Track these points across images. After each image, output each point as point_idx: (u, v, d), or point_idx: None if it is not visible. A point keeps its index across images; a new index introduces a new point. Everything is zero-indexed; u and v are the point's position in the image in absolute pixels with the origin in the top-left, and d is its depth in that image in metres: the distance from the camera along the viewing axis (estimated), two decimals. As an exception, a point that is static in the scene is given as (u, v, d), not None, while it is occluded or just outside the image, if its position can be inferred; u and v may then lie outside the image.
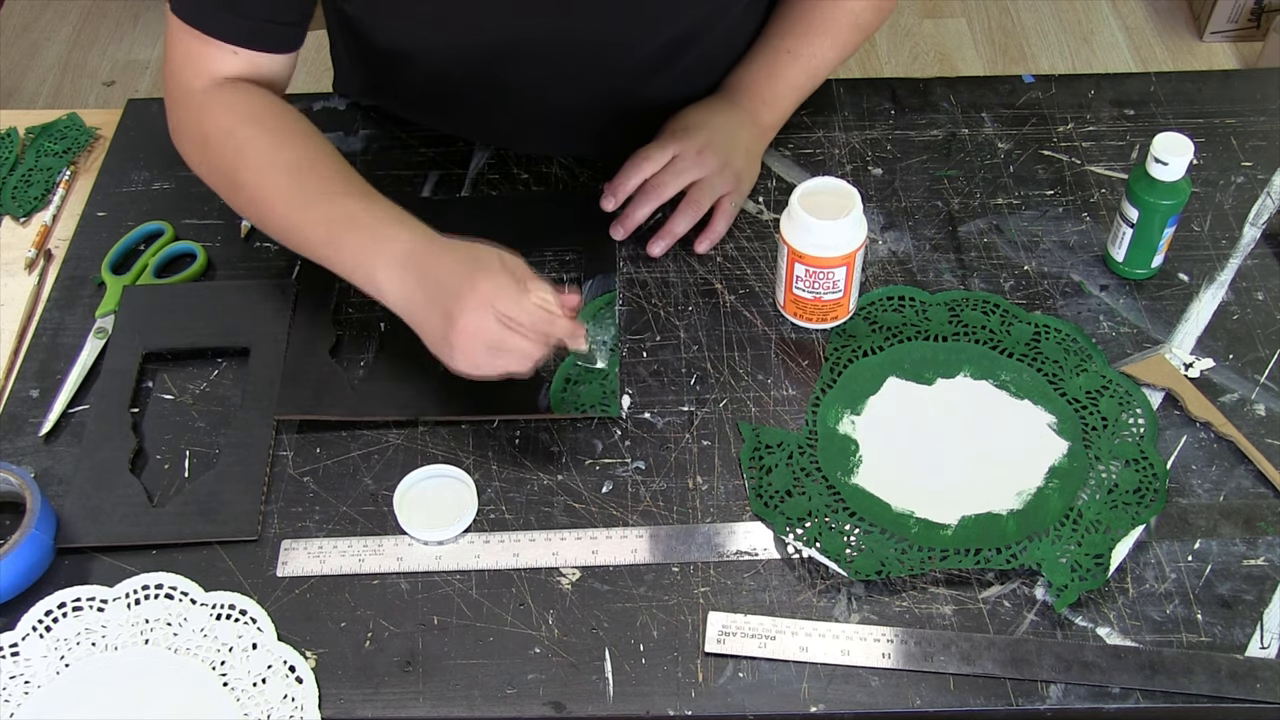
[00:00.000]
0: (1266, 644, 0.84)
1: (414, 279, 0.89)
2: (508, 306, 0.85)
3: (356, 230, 0.92)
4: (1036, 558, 0.87)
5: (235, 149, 0.96)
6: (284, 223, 0.95)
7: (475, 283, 0.86)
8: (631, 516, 0.92)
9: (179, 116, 1.00)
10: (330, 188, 0.95)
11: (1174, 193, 1.00)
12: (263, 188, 0.95)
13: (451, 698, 0.83)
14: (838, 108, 1.21)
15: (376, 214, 0.92)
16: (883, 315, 1.03)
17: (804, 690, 0.83)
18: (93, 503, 0.92)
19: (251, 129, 0.96)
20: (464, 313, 0.85)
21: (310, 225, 0.93)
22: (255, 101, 0.98)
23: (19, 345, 1.04)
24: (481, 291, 0.85)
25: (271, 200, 0.95)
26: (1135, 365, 0.99)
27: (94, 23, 2.75)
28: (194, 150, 1.00)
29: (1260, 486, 0.92)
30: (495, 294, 0.85)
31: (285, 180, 0.95)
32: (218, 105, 0.97)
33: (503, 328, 0.86)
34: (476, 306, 0.85)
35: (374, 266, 0.90)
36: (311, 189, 0.95)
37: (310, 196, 0.94)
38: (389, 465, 0.95)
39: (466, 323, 0.85)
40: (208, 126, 0.98)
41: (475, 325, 0.85)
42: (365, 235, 0.91)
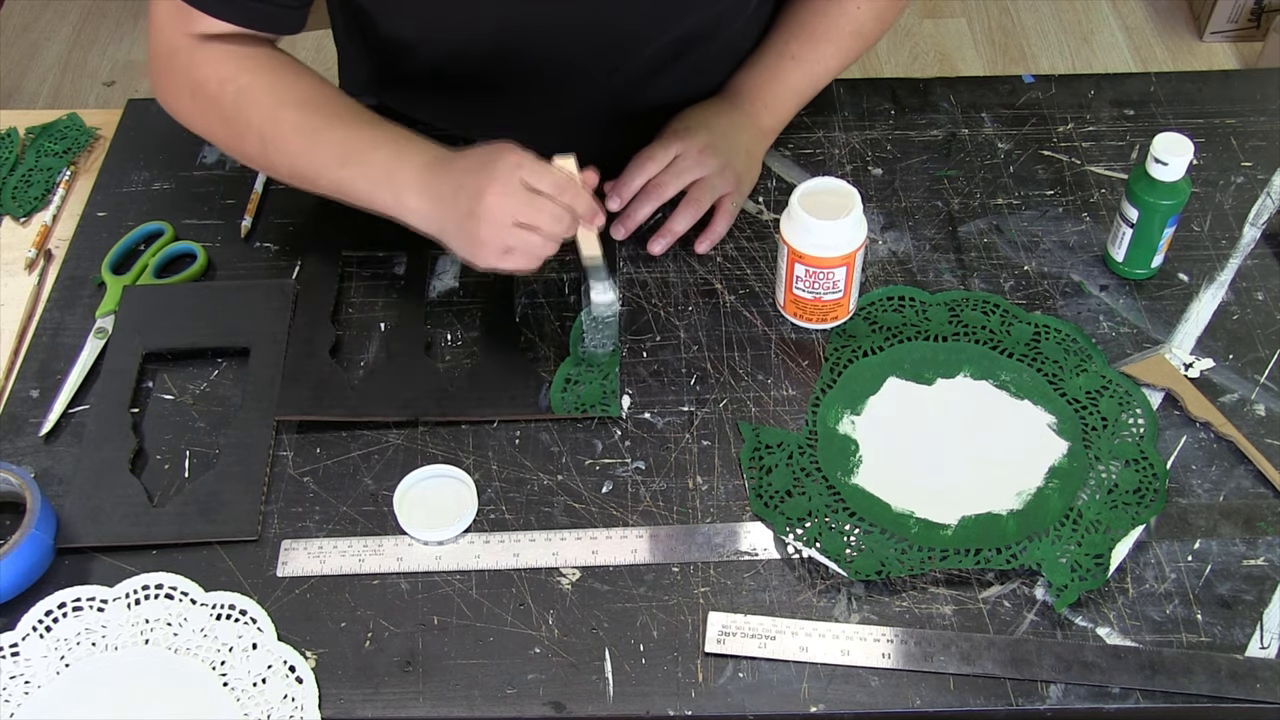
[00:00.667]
0: (1266, 644, 0.84)
1: (438, 178, 0.92)
2: (532, 174, 0.88)
3: (375, 149, 0.94)
4: (1036, 558, 0.87)
5: (238, 90, 0.97)
6: (295, 154, 0.96)
7: (501, 156, 0.89)
8: (631, 516, 0.92)
9: (164, 71, 1.00)
10: (342, 115, 0.97)
11: (1174, 193, 1.00)
12: (274, 122, 0.96)
13: (451, 698, 0.83)
14: (838, 108, 1.21)
15: (393, 134, 0.95)
16: (883, 315, 1.03)
17: (804, 690, 0.83)
18: (93, 503, 0.92)
19: (251, 73, 0.97)
20: (492, 184, 0.88)
21: (326, 150, 0.95)
22: (253, 49, 0.99)
23: (19, 345, 1.04)
24: (508, 161, 0.89)
25: (283, 133, 0.96)
26: (1135, 365, 0.99)
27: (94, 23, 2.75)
28: (185, 100, 1.00)
29: (1260, 486, 0.92)
30: (519, 164, 0.89)
31: (294, 113, 0.96)
32: (211, 56, 0.98)
33: (530, 196, 0.88)
34: (504, 176, 0.88)
35: (396, 174, 0.93)
36: (325, 118, 0.96)
37: (323, 124, 0.96)
38: (389, 465, 0.95)
39: (493, 195, 0.88)
40: (201, 75, 0.98)
41: (502, 194, 0.88)
42: (386, 151, 0.94)
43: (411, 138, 0.96)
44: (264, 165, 1.00)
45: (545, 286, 1.07)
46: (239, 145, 1.00)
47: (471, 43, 1.04)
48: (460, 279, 1.07)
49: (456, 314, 1.05)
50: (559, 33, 1.03)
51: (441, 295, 1.06)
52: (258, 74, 0.97)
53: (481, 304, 1.05)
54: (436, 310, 1.05)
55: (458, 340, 1.03)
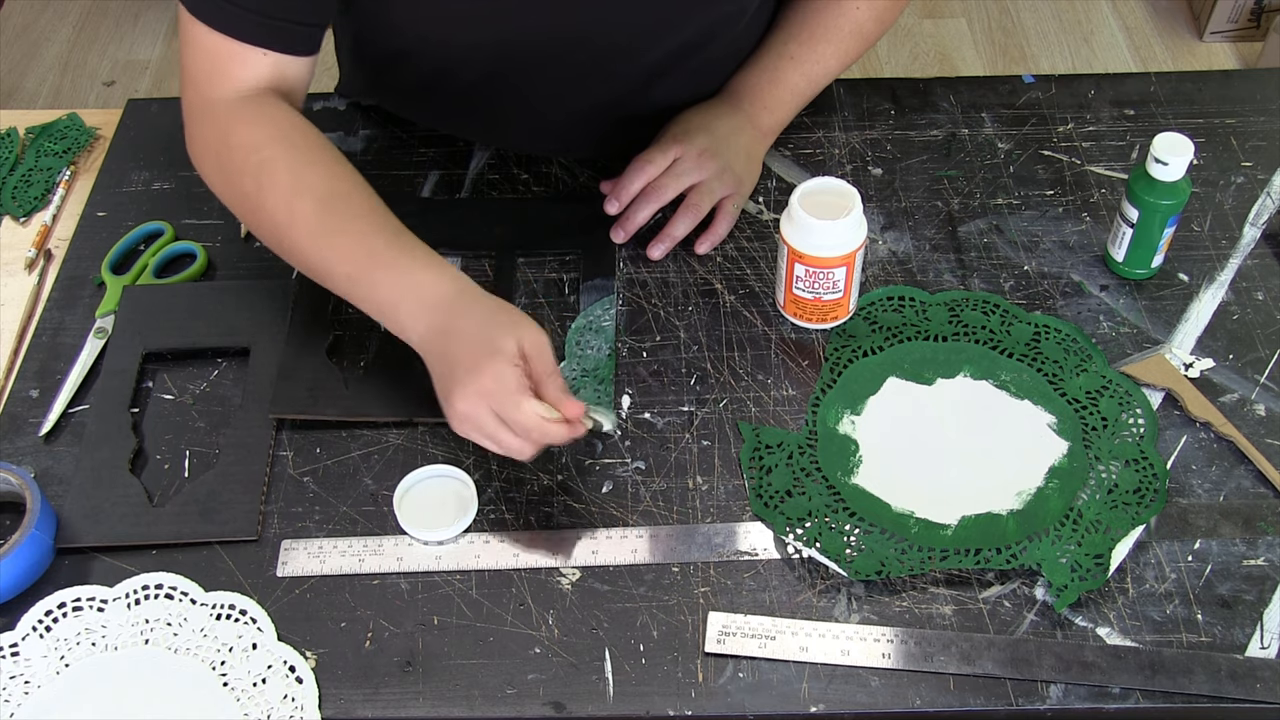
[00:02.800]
0: (1266, 644, 0.84)
1: (438, 330, 0.88)
2: (502, 408, 0.84)
3: (385, 270, 0.89)
4: (1036, 558, 0.87)
5: (258, 166, 0.93)
6: (306, 252, 0.92)
7: (480, 372, 0.84)
8: (631, 516, 0.92)
9: (199, 130, 0.96)
10: (359, 222, 0.92)
11: (1174, 193, 1.00)
12: (289, 213, 0.92)
13: (451, 698, 0.83)
14: (838, 108, 1.21)
15: (406, 255, 0.90)
16: (883, 315, 1.03)
17: (804, 690, 0.83)
18: (93, 503, 0.92)
19: (278, 148, 0.93)
20: (461, 399, 0.85)
21: (336, 260, 0.91)
22: (283, 119, 0.95)
23: (19, 345, 1.04)
24: (483, 385, 0.84)
25: (296, 228, 0.92)
26: (1135, 365, 0.99)
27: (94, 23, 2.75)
28: (213, 166, 0.96)
29: (1260, 486, 0.92)
30: (494, 392, 0.84)
31: (312, 209, 0.92)
32: (244, 119, 0.94)
33: (497, 423, 0.85)
34: (475, 397, 0.84)
35: (399, 305, 0.89)
36: (339, 222, 0.92)
37: (337, 229, 0.91)
38: (389, 465, 0.95)
39: (462, 409, 0.85)
40: (232, 140, 0.94)
41: (468, 413, 0.85)
42: (394, 275, 0.89)
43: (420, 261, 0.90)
44: (279, 250, 0.95)
45: (545, 286, 1.07)
46: (256, 223, 0.95)
47: (473, 49, 1.04)
48: (460, 279, 1.07)
49: (456, 314, 1.05)
50: (560, 39, 1.02)
51: (441, 295, 1.06)
52: (282, 147, 0.93)
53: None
54: (436, 310, 1.05)
55: (458, 340, 1.03)
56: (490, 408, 0.84)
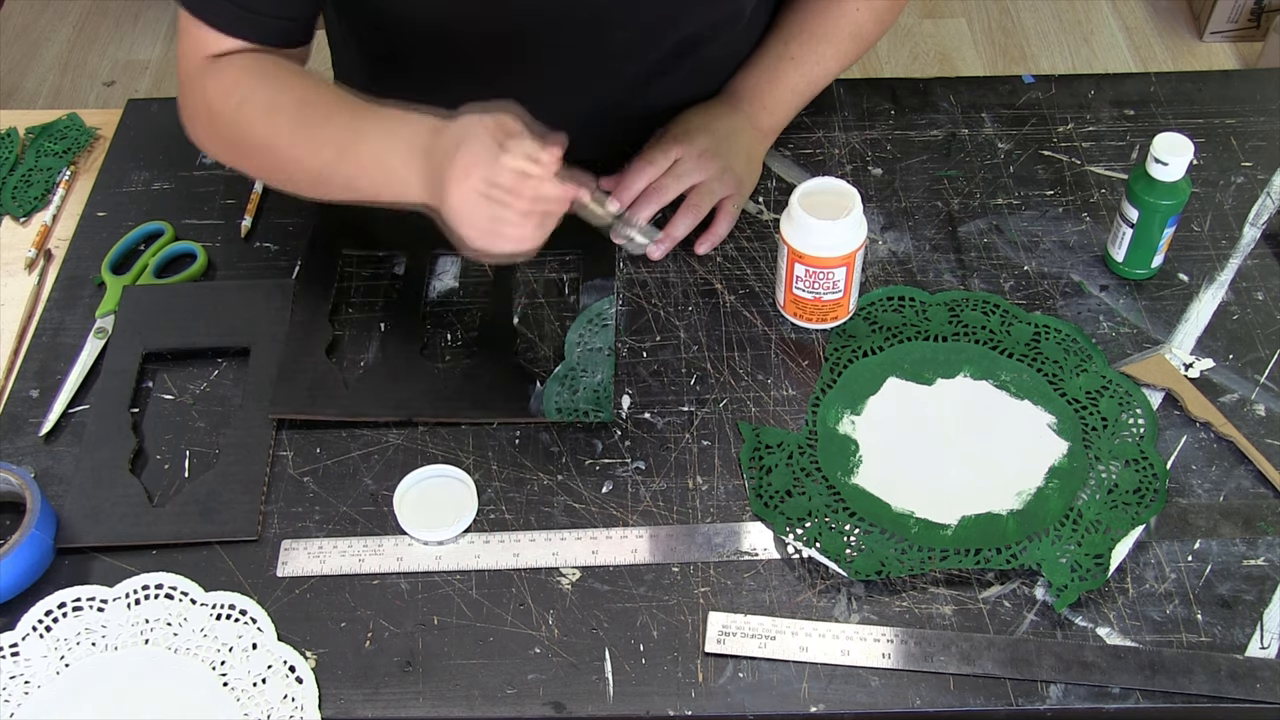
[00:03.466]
0: (1266, 644, 0.84)
1: (424, 165, 0.85)
2: (485, 174, 0.81)
3: (364, 137, 0.89)
4: (1036, 558, 0.87)
5: (236, 106, 0.94)
6: (297, 160, 0.92)
7: (456, 158, 0.82)
8: (631, 516, 0.92)
9: (185, 103, 0.99)
10: (331, 110, 0.92)
11: (1174, 193, 1.00)
12: (272, 131, 0.93)
13: (451, 698, 0.83)
14: (838, 108, 1.21)
15: (381, 117, 0.90)
16: (883, 315, 1.03)
17: (804, 690, 0.83)
18: (93, 503, 0.92)
19: (247, 84, 0.94)
20: (450, 194, 0.82)
21: (323, 149, 0.91)
22: (249, 62, 0.96)
23: (19, 345, 1.04)
24: (460, 165, 0.82)
25: (281, 142, 0.92)
26: (1135, 365, 0.99)
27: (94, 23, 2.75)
28: (203, 129, 0.98)
29: (1260, 486, 0.92)
30: (471, 165, 0.81)
31: (288, 118, 0.92)
32: (216, 75, 0.96)
33: (490, 201, 0.82)
34: (458, 183, 0.82)
35: (390, 165, 0.87)
36: (314, 116, 0.92)
37: (315, 123, 0.92)
38: (389, 465, 0.95)
39: (453, 201, 0.82)
40: (210, 97, 0.96)
41: (461, 203, 0.82)
42: (374, 138, 0.88)
43: (396, 116, 0.89)
44: (287, 181, 0.95)
45: (545, 286, 1.07)
46: (254, 165, 0.97)
47: (470, 46, 1.04)
48: (460, 279, 1.07)
49: (456, 314, 1.05)
50: (560, 36, 1.03)
51: (441, 295, 1.06)
52: (250, 84, 0.94)
53: (481, 305, 1.05)
54: (436, 310, 1.05)
55: (456, 341, 1.03)
56: (476, 184, 0.81)
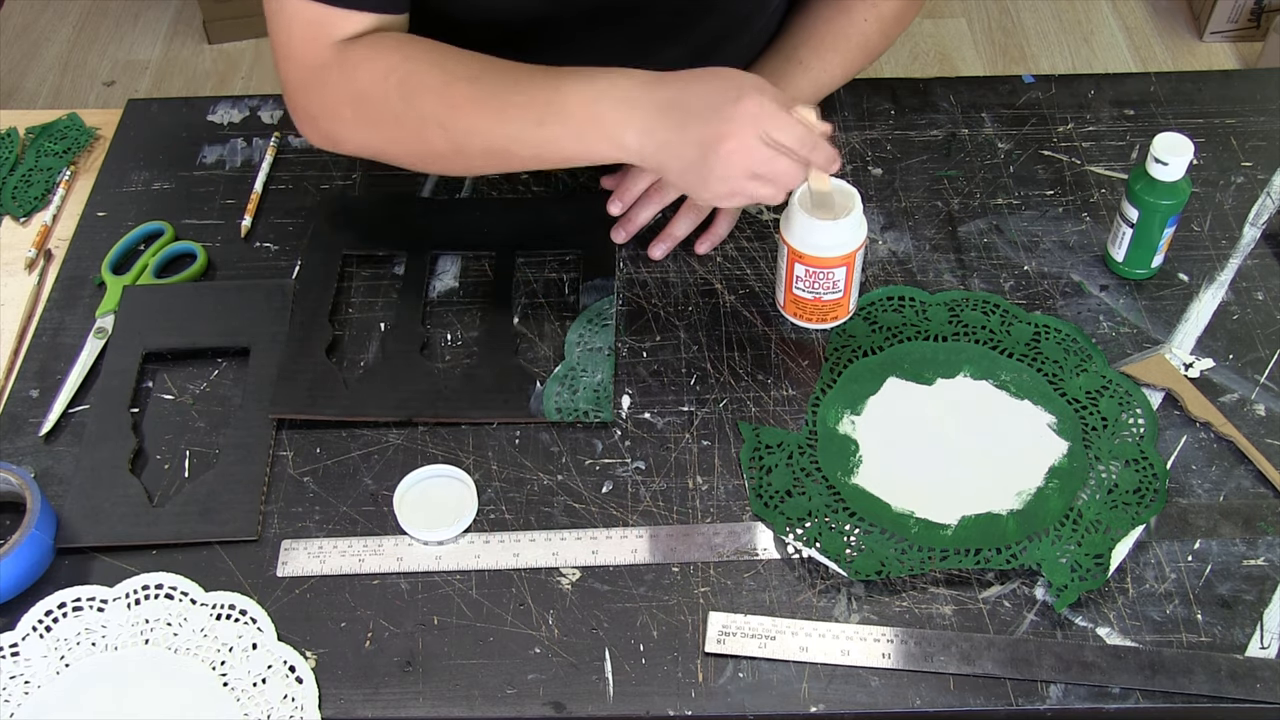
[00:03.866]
0: (1266, 644, 0.84)
1: (653, 111, 0.86)
2: (775, 128, 0.84)
3: (564, 95, 0.88)
4: (1036, 558, 0.87)
5: (401, 80, 0.91)
6: (484, 128, 0.90)
7: (741, 102, 0.84)
8: (631, 516, 0.92)
9: (316, 93, 0.95)
10: (516, 75, 0.91)
11: (1174, 193, 1.00)
12: (449, 103, 0.91)
13: (451, 698, 0.83)
14: (838, 108, 1.21)
15: (576, 75, 0.89)
16: (883, 315, 1.03)
17: (804, 690, 0.83)
18: (93, 503, 0.92)
19: (408, 58, 0.92)
20: (730, 135, 0.84)
21: (514, 112, 0.89)
22: (393, 41, 0.93)
23: (19, 345, 1.04)
24: (749, 109, 0.84)
25: (463, 112, 0.90)
26: (1135, 365, 0.99)
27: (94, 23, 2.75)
28: (347, 116, 0.94)
29: (1260, 486, 0.92)
30: (761, 115, 0.84)
31: (468, 88, 0.90)
32: (361, 58, 0.92)
33: (769, 151, 0.85)
34: (744, 125, 0.84)
35: (599, 115, 0.87)
36: (498, 85, 0.90)
37: (501, 89, 0.90)
38: (389, 465, 0.95)
39: (732, 146, 0.84)
40: (360, 82, 0.92)
41: (740, 147, 0.84)
42: (576, 93, 0.88)
43: (593, 72, 0.89)
44: (456, 156, 0.93)
45: (545, 286, 1.07)
46: (422, 144, 0.93)
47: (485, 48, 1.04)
48: (460, 279, 1.07)
49: (456, 314, 1.05)
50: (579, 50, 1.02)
51: (441, 295, 1.06)
52: (414, 59, 0.92)
53: (480, 304, 1.05)
54: (436, 310, 1.05)
55: (456, 340, 1.03)
56: (759, 132, 0.84)
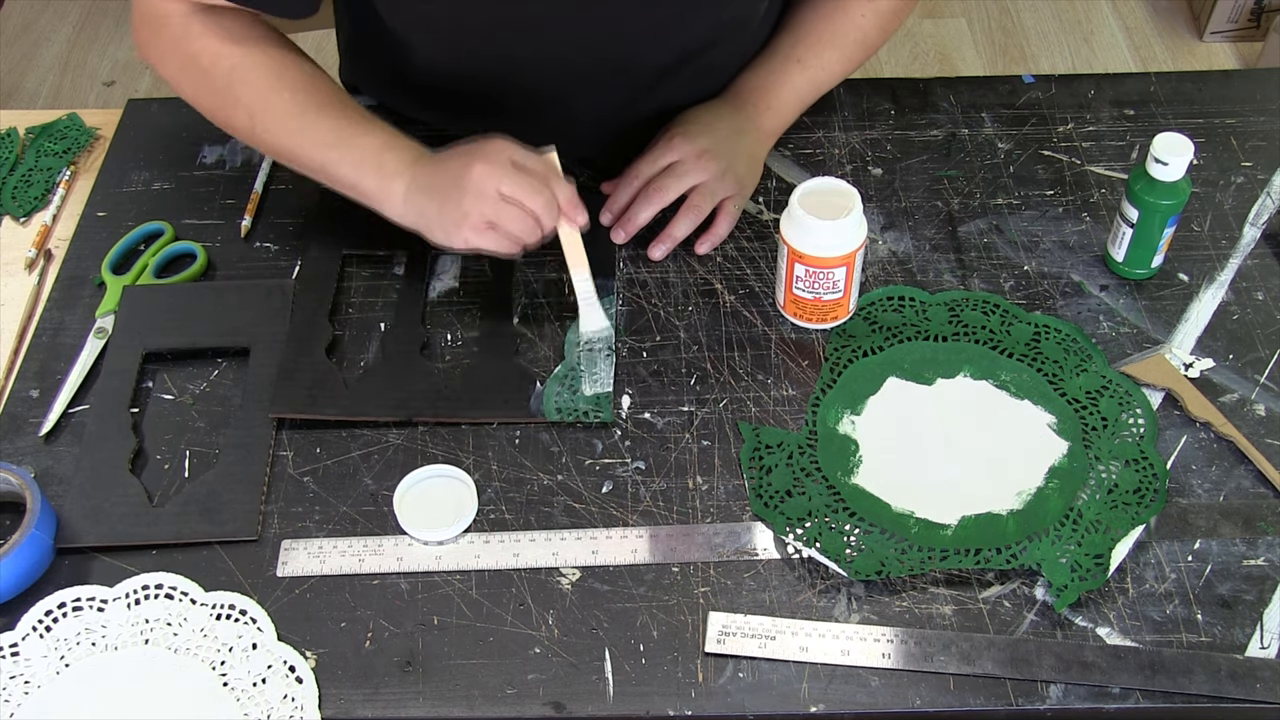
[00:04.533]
0: (1266, 644, 0.84)
1: (427, 170, 0.95)
2: (519, 155, 0.93)
3: (367, 134, 0.97)
4: (1036, 558, 0.87)
5: (231, 67, 0.97)
6: (285, 131, 0.98)
7: (490, 139, 0.94)
8: (631, 516, 0.92)
9: (151, 38, 1.00)
10: (335, 103, 0.99)
11: (1174, 193, 1.00)
12: (264, 102, 0.97)
13: (451, 698, 0.83)
14: (838, 108, 1.21)
15: (384, 126, 0.98)
16: (883, 315, 1.03)
17: (804, 690, 0.83)
18: (93, 503, 0.92)
19: (247, 51, 0.98)
20: (479, 159, 0.92)
21: (315, 132, 0.97)
22: (248, 25, 0.99)
23: (19, 345, 1.04)
24: (498, 142, 0.94)
25: (273, 113, 0.98)
26: (1135, 365, 0.99)
27: (94, 23, 2.75)
28: (173, 69, 1.00)
29: (1260, 486, 0.92)
30: (510, 145, 0.94)
31: (288, 95, 0.98)
32: (205, 29, 0.98)
33: (515, 170, 0.92)
34: (492, 153, 0.93)
35: (386, 161, 0.96)
36: (316, 102, 0.98)
37: (315, 108, 0.98)
38: (389, 465, 0.95)
39: (480, 167, 0.92)
40: (193, 48, 0.98)
41: (488, 167, 0.92)
42: (377, 138, 0.97)
43: (401, 134, 0.98)
44: (250, 139, 1.01)
45: (545, 286, 1.07)
46: (226, 118, 1.00)
47: (478, 53, 1.04)
48: (460, 279, 1.07)
49: (456, 314, 1.05)
50: (570, 51, 1.03)
51: (441, 295, 1.06)
52: (253, 53, 0.98)
53: (481, 304, 1.05)
54: (436, 310, 1.05)
55: (456, 340, 1.03)
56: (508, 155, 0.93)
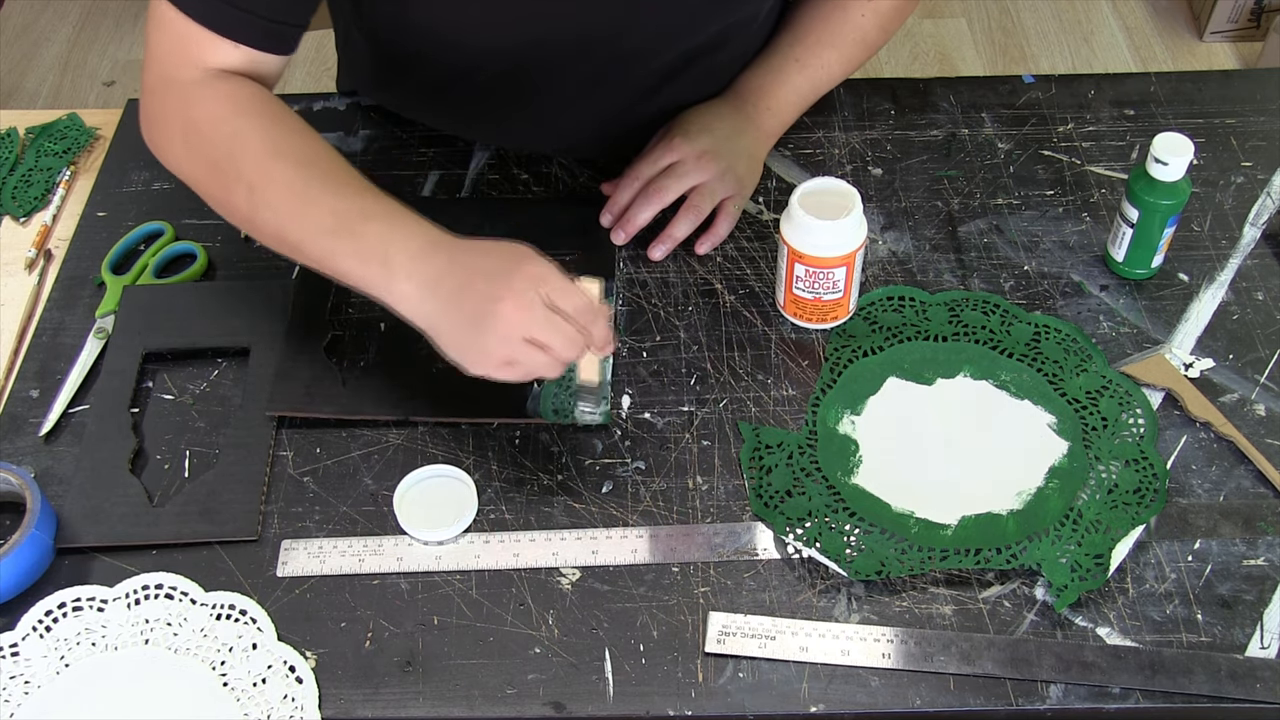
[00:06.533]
0: (1266, 644, 0.84)
1: (443, 264, 0.85)
2: (555, 292, 0.83)
3: (373, 220, 0.87)
4: (1036, 558, 0.87)
5: (231, 135, 0.91)
6: (284, 212, 0.89)
7: (524, 266, 0.83)
8: (631, 516, 0.92)
9: (159, 106, 0.95)
10: (338, 179, 0.90)
11: (1174, 193, 1.00)
12: (264, 174, 0.90)
13: (451, 698, 0.83)
14: (838, 108, 1.21)
15: (389, 208, 0.89)
16: (883, 315, 1.03)
17: (804, 690, 0.83)
18: (93, 503, 0.92)
19: (252, 119, 0.92)
20: (510, 294, 0.82)
21: (315, 213, 0.88)
22: (251, 93, 0.93)
23: (19, 345, 1.04)
24: (531, 272, 0.83)
25: (273, 188, 0.89)
26: (1135, 365, 0.99)
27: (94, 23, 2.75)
28: (176, 140, 0.94)
29: (1260, 486, 0.92)
30: (544, 277, 0.83)
31: (288, 168, 0.90)
32: (210, 94, 0.92)
33: (549, 315, 0.82)
34: (524, 288, 0.82)
35: (392, 254, 0.85)
36: (317, 178, 0.90)
37: (316, 185, 0.89)
38: (389, 465, 0.95)
39: (511, 307, 0.82)
40: (197, 114, 0.92)
41: (519, 308, 0.82)
42: (382, 224, 0.87)
43: (408, 215, 0.88)
44: (251, 223, 0.92)
45: (545, 286, 1.07)
46: (227, 196, 0.92)
47: (481, 56, 1.03)
48: (460, 279, 1.07)
49: (456, 314, 1.05)
50: (570, 47, 1.02)
51: (441, 295, 1.06)
52: (254, 118, 0.92)
53: (481, 304, 1.05)
54: (436, 310, 1.05)
55: (458, 340, 1.03)
56: (540, 294, 0.82)
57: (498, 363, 0.84)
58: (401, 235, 0.86)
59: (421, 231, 0.87)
